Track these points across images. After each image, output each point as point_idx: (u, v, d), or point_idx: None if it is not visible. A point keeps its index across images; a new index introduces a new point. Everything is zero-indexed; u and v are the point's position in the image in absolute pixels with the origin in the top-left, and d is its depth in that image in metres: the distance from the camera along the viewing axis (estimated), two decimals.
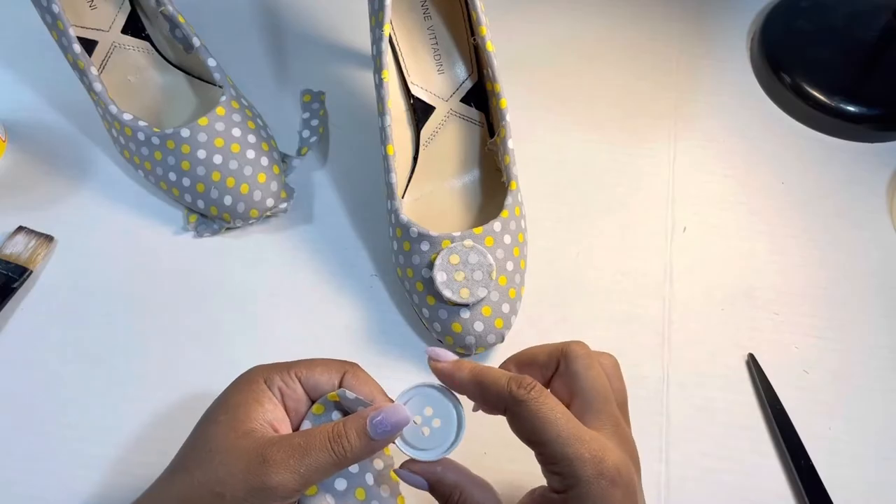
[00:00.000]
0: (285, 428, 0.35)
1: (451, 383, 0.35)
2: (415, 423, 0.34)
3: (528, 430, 0.32)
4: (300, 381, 0.35)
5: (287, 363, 0.35)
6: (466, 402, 0.35)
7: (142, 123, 0.50)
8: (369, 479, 0.36)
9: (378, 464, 0.36)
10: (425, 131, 0.52)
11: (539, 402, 0.32)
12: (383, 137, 0.48)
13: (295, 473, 0.32)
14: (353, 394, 0.34)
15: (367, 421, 0.33)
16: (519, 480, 0.44)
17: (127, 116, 0.51)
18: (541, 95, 0.59)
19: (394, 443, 0.34)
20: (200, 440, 0.34)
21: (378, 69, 0.47)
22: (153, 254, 0.52)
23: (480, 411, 0.36)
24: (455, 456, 0.45)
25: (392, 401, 0.35)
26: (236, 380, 0.35)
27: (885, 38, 0.59)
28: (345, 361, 0.36)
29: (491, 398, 0.33)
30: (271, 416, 0.34)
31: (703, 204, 0.54)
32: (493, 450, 0.45)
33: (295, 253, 0.52)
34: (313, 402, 0.35)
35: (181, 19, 0.52)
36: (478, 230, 0.46)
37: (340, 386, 0.35)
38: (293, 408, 0.35)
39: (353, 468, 0.36)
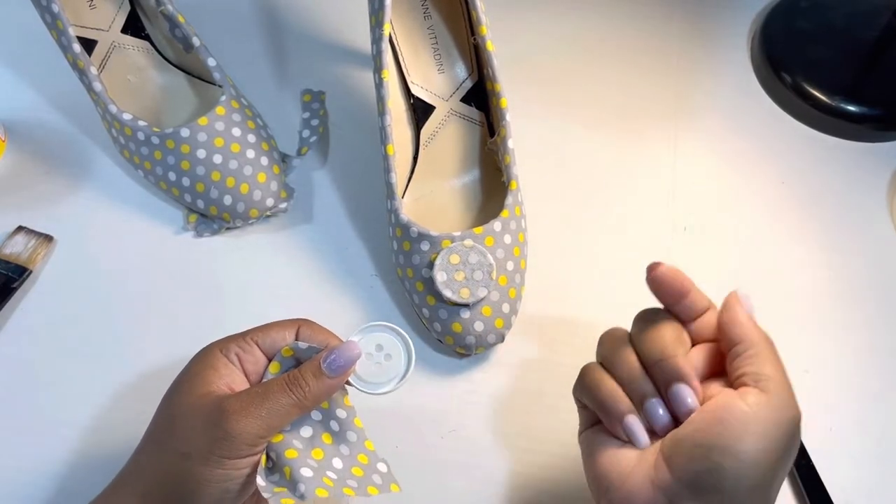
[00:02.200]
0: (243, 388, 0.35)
1: (676, 286, 0.34)
2: (365, 359, 0.36)
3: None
4: (257, 345, 0.36)
5: (242, 332, 0.37)
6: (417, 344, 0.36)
7: (141, 123, 0.50)
8: (334, 425, 0.36)
9: (341, 413, 0.37)
10: (425, 131, 0.52)
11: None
12: (383, 137, 0.48)
13: (257, 418, 0.33)
14: (306, 343, 0.35)
15: (320, 361, 0.34)
16: (519, 480, 0.44)
17: (126, 116, 0.50)
18: (541, 95, 0.59)
19: (349, 382, 0.36)
20: (162, 412, 0.35)
21: (378, 69, 0.47)
22: (153, 254, 0.51)
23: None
24: (457, 455, 0.45)
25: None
26: (194, 355, 0.36)
27: (886, 37, 0.59)
28: (298, 318, 0.37)
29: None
30: (228, 380, 0.35)
31: (703, 204, 0.54)
32: (493, 449, 0.45)
33: (295, 253, 0.52)
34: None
35: (181, 19, 0.52)
36: (478, 230, 0.46)
37: (297, 340, 0.36)
38: (253, 371, 0.36)
39: (316, 416, 0.36)
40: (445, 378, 0.47)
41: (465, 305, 0.45)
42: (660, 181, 0.55)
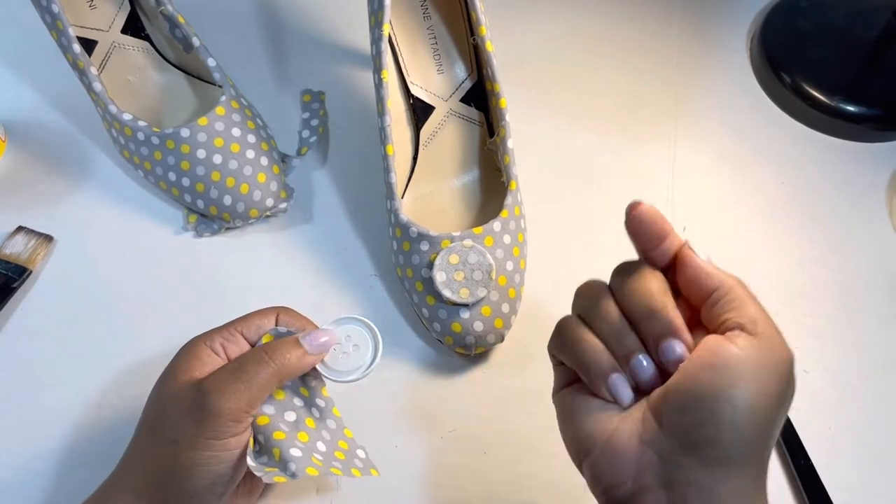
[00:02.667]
0: None
1: (657, 228, 0.32)
2: (334, 348, 0.38)
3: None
4: (242, 335, 0.37)
5: (226, 323, 0.38)
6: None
7: (141, 123, 0.50)
8: (315, 412, 0.38)
9: (320, 402, 0.38)
10: (425, 131, 0.52)
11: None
12: (383, 137, 0.48)
13: (236, 392, 0.33)
14: (286, 328, 0.37)
15: (299, 337, 0.36)
16: (519, 480, 0.44)
17: (126, 116, 0.51)
18: (541, 95, 0.59)
19: (321, 371, 0.37)
20: (148, 405, 0.36)
21: (377, 69, 0.47)
22: (153, 254, 0.52)
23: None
24: (457, 456, 0.45)
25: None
26: (179, 349, 0.37)
27: (885, 37, 0.59)
28: (277, 306, 0.38)
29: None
30: (210, 368, 0.35)
31: (703, 204, 0.54)
32: (493, 450, 0.45)
33: (295, 253, 0.52)
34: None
35: (181, 19, 0.52)
36: (477, 230, 0.46)
37: (276, 326, 0.37)
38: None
39: (298, 402, 0.37)
40: (445, 378, 0.47)
41: (465, 305, 0.45)
42: (659, 181, 0.55)
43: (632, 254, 0.52)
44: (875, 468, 0.44)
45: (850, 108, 0.56)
